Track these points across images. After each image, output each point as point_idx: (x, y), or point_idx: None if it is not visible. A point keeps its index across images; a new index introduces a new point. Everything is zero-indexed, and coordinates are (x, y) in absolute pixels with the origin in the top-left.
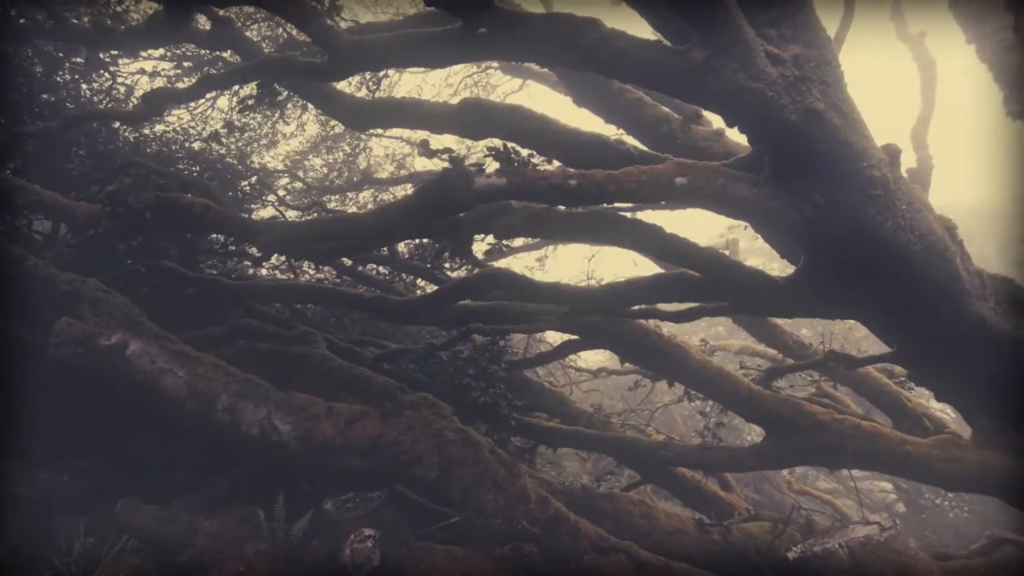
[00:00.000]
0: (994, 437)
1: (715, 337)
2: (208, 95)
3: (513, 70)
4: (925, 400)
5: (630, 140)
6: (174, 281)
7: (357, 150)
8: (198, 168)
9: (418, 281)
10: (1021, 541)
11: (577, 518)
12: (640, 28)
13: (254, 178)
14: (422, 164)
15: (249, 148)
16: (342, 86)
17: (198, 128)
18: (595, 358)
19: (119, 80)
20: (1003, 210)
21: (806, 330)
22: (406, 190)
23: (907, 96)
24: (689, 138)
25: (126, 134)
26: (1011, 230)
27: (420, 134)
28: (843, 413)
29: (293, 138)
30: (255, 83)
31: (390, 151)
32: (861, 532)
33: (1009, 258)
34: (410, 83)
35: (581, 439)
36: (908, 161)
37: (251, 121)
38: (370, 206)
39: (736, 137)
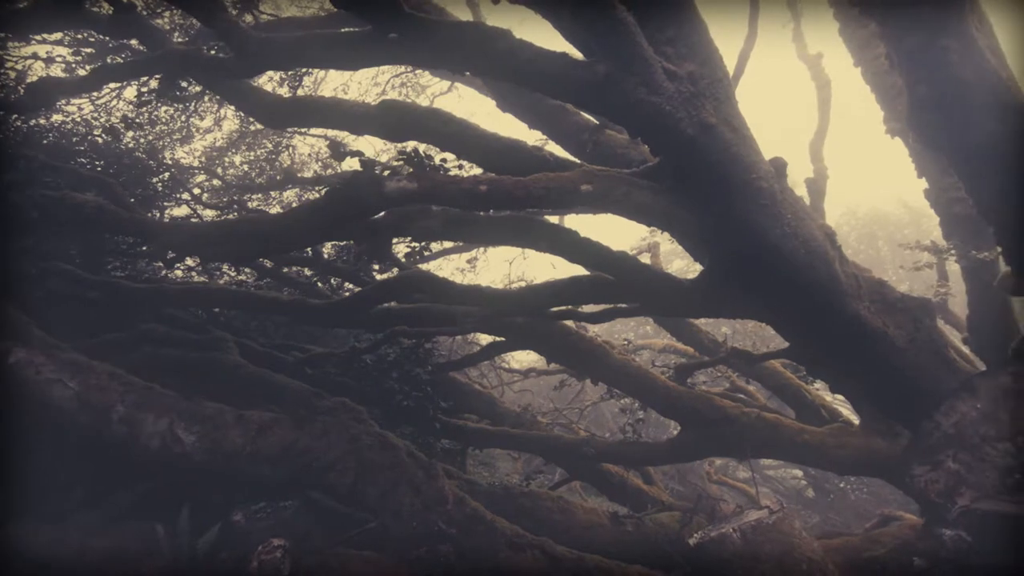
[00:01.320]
0: (876, 423)
1: (643, 336)
2: (111, 86)
3: (442, 72)
4: (823, 392)
5: (554, 147)
6: (71, 285)
7: (280, 148)
8: (102, 163)
9: (347, 284)
10: (906, 517)
11: (494, 517)
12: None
13: (167, 175)
14: (349, 164)
15: (161, 143)
16: (262, 80)
17: (102, 119)
18: (528, 359)
19: (7, 65)
20: (896, 215)
21: (726, 328)
22: None
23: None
24: (608, 145)
25: (17, 123)
26: (904, 234)
27: (353, 132)
28: (751, 406)
29: (210, 133)
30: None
31: (315, 150)
32: (753, 517)
33: (900, 259)
34: (337, 80)
35: (507, 439)
36: (808, 171)
37: (162, 114)
38: (295, 206)
39: None
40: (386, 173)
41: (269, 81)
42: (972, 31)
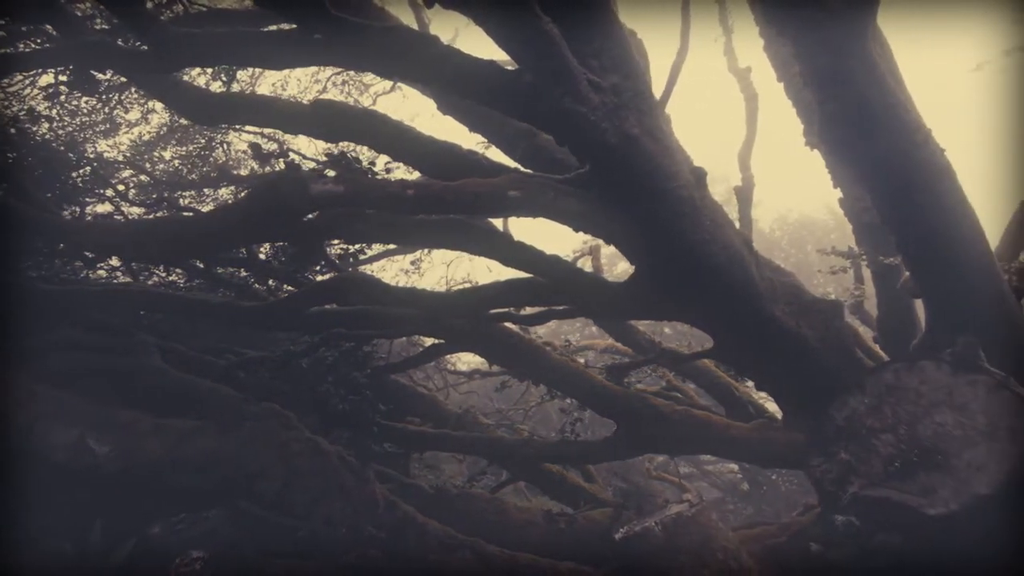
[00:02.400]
0: (797, 419)
1: (588, 336)
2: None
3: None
4: (753, 389)
5: (494, 151)
6: None
7: (214, 143)
8: (14, 155)
9: (286, 286)
10: None
11: (426, 520)
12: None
13: (88, 169)
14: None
15: (82, 135)
16: (194, 73)
17: (14, 108)
18: (474, 360)
19: None
20: (823, 221)
21: (668, 329)
22: None
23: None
24: (547, 149)
25: None
26: (831, 239)
27: (287, 131)
28: (683, 404)
29: (137, 126)
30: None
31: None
32: (674, 510)
33: (826, 263)
34: (277, 75)
35: (448, 441)
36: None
37: (83, 105)
38: (218, 206)
39: None
40: (312, 175)
41: (202, 74)
42: (873, 55)
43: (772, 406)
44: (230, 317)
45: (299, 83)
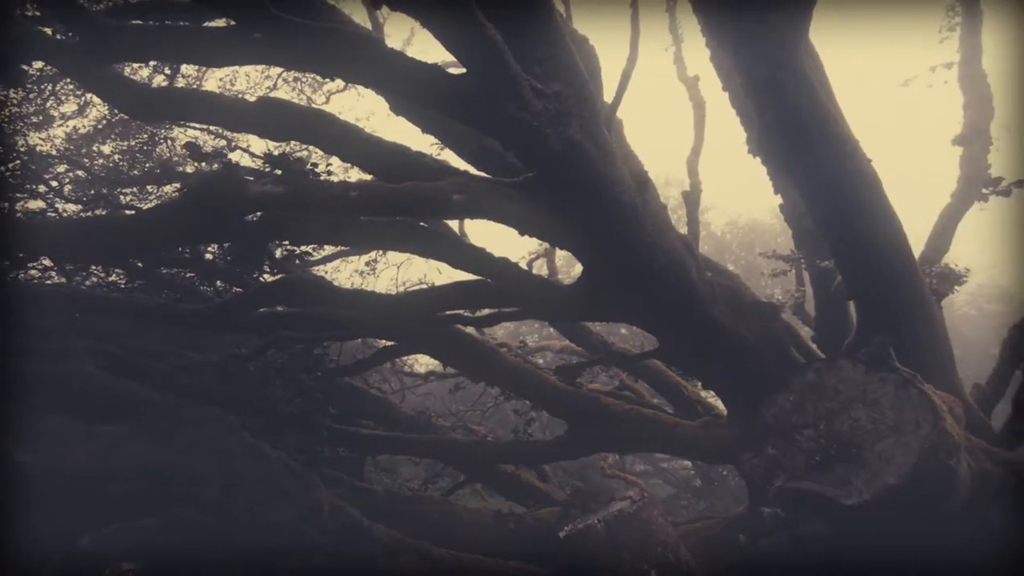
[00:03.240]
0: (738, 416)
1: (546, 337)
2: None
3: None
4: (700, 388)
5: (452, 154)
6: None
7: (157, 138)
8: None
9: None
10: None
11: (373, 524)
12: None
13: (17, 163)
14: (239, 159)
15: (11, 127)
16: (138, 64)
17: None
18: (432, 362)
19: None
20: (771, 225)
21: (624, 330)
22: None
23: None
24: (498, 151)
25: None
26: (778, 242)
27: (231, 129)
28: (633, 404)
29: (74, 119)
30: None
31: (200, 142)
32: (616, 507)
33: (773, 265)
34: (226, 68)
35: (400, 444)
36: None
37: (12, 95)
38: (152, 205)
39: None
40: (253, 176)
41: (144, 66)
42: (806, 69)
43: (720, 404)
44: (169, 319)
45: (248, 79)
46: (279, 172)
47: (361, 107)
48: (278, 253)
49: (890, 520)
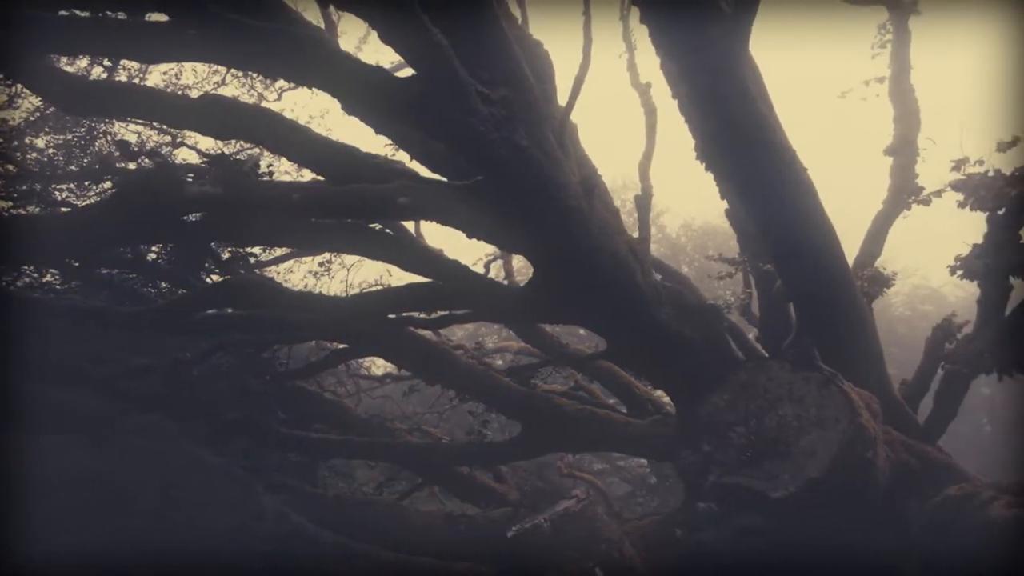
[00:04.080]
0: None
1: (506, 338)
2: None
3: None
4: (651, 388)
5: (405, 155)
6: None
7: (96, 133)
8: None
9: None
10: None
11: (319, 529)
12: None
13: None
14: (184, 155)
15: None
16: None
17: None
18: (389, 364)
19: None
20: (724, 228)
21: (583, 331)
22: None
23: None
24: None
25: None
26: (730, 245)
27: (173, 126)
28: (587, 404)
29: (3, 111)
30: None
31: (144, 136)
32: (563, 506)
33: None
34: (171, 63)
35: (353, 448)
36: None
37: None
38: (84, 204)
39: None
40: (190, 176)
41: (83, 57)
42: (747, 80)
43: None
44: (108, 323)
45: (195, 73)
46: (218, 172)
47: (315, 104)
48: (225, 254)
49: (818, 510)
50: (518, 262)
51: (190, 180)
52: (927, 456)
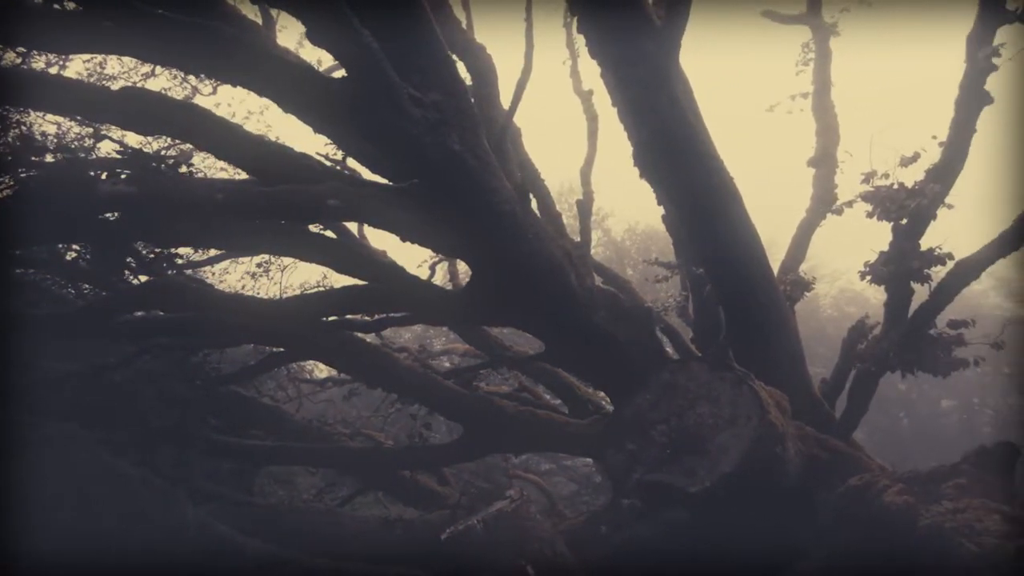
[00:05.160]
0: None
1: (454, 340)
2: None
3: None
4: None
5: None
6: None
7: (9, 123)
8: None
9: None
10: None
11: (245, 539)
12: None
13: None
14: (108, 148)
15: None
16: None
17: None
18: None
19: None
20: (666, 232)
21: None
22: None
23: None
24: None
25: None
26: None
27: (90, 119)
28: (530, 405)
29: None
30: None
31: (64, 129)
32: (496, 507)
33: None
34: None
35: (289, 454)
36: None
37: None
38: None
39: None
40: (104, 174)
41: None
42: (677, 92)
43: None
44: (13, 326)
45: (122, 63)
46: (134, 170)
47: (255, 99)
48: (151, 254)
49: (737, 502)
50: (464, 264)
51: (103, 178)
52: (836, 449)
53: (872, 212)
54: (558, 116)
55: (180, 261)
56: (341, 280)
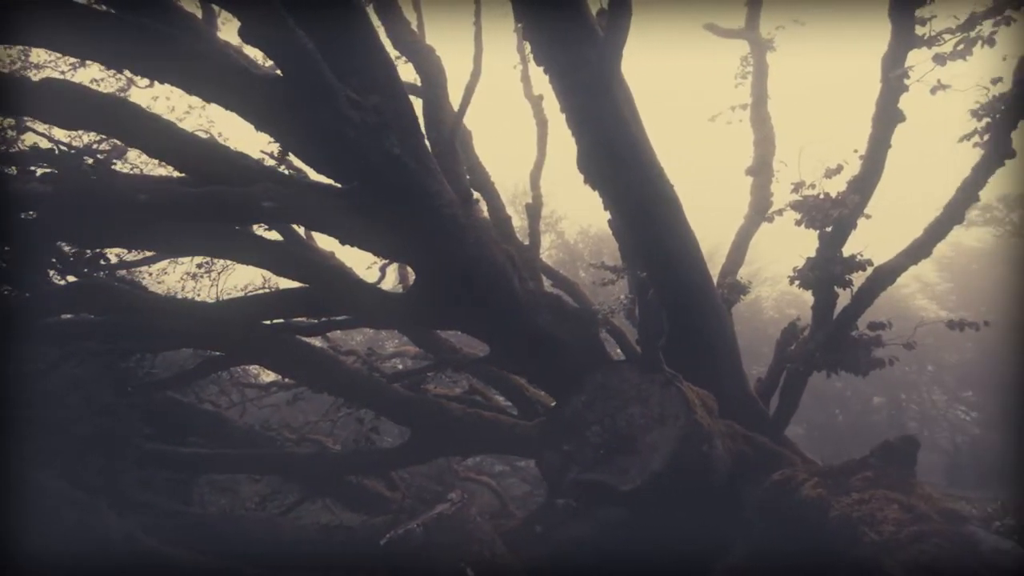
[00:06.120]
0: None
1: (405, 342)
2: None
3: None
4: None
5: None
6: None
7: None
8: None
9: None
10: None
11: (174, 551)
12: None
13: None
14: (33, 139)
15: None
16: None
17: None
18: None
19: None
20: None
21: None
22: None
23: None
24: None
25: None
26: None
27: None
28: (479, 407)
29: None
30: None
31: None
32: (437, 510)
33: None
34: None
35: (230, 461)
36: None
37: None
38: None
39: None
40: (19, 171)
41: None
42: (619, 100)
43: None
44: None
45: (48, 53)
46: (51, 168)
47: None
48: (79, 255)
49: (670, 498)
50: None
51: (16, 175)
52: (763, 446)
53: (800, 220)
54: (515, 119)
55: (114, 261)
56: (288, 282)
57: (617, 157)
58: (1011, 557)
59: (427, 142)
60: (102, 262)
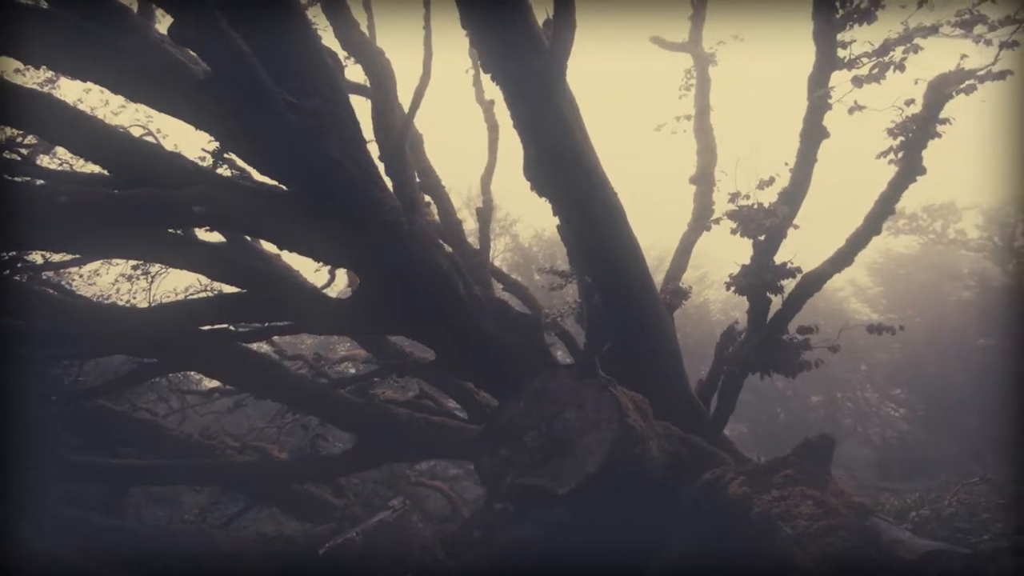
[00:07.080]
0: None
1: (355, 346)
2: None
3: None
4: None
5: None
6: None
7: None
8: None
9: None
10: None
11: (99, 568)
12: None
13: None
14: None
15: None
16: None
17: None
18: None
19: None
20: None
21: None
22: None
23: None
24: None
25: None
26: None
27: None
28: (430, 411)
29: None
30: None
31: None
32: (378, 518)
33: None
34: None
35: (164, 472)
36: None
37: None
38: None
39: None
40: None
41: None
42: (564, 110)
43: None
44: None
45: None
46: None
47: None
48: None
49: (608, 500)
50: None
51: None
52: (699, 446)
53: (736, 229)
54: (473, 121)
55: (40, 262)
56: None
57: (562, 164)
58: (906, 547)
59: (369, 149)
60: (24, 264)
